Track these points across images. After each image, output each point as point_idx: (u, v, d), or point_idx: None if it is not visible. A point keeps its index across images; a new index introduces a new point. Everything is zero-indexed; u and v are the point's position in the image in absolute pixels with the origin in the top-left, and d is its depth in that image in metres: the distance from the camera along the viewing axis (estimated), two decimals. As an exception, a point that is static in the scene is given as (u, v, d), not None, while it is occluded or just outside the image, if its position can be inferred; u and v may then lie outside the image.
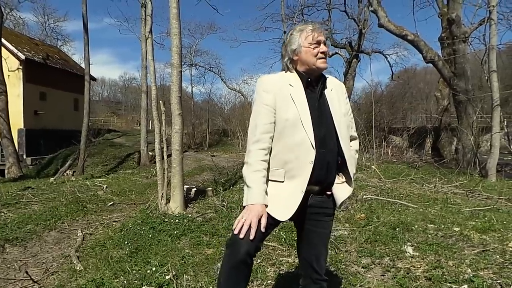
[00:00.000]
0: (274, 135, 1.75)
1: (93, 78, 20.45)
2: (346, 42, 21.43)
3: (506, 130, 11.27)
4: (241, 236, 1.62)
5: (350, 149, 1.87)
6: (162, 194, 5.34)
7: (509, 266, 3.07)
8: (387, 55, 22.45)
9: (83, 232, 4.64)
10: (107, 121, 40.88)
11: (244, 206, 1.72)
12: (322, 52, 1.78)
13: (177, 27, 5.14)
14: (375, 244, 3.76)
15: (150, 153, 14.27)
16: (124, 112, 55.95)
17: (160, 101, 5.46)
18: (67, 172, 13.08)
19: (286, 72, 1.86)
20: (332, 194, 1.83)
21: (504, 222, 4.40)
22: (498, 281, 2.79)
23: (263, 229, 1.66)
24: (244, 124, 21.77)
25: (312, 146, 1.70)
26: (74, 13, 79.34)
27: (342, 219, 4.76)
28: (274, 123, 1.75)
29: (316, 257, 1.86)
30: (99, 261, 3.59)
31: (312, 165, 1.71)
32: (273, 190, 1.75)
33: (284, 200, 1.73)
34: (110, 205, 6.41)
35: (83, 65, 16.68)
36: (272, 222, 1.73)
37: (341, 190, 1.85)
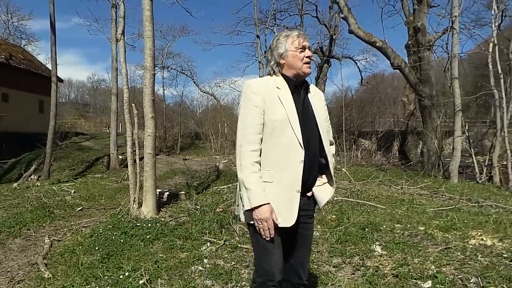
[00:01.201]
0: (262, 136, 1.78)
1: (60, 79, 19.77)
2: (318, 47, 21.87)
3: (467, 134, 11.84)
4: (269, 237, 1.72)
5: (330, 152, 1.94)
6: (134, 198, 5.26)
7: (469, 262, 3.26)
8: (356, 61, 23.13)
9: (51, 239, 4.50)
10: (74, 123, 39.50)
11: (248, 210, 1.73)
12: (307, 57, 1.86)
13: (150, 30, 5.10)
14: (345, 244, 3.88)
15: (120, 157, 13.95)
16: (92, 115, 54.31)
17: (133, 104, 5.39)
18: (32, 177, 12.54)
19: (272, 76, 1.91)
20: (312, 196, 1.88)
21: (465, 221, 4.64)
22: (459, 276, 2.96)
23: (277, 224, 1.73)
24: (217, 127, 21.72)
25: (301, 146, 1.75)
26: (40, 11, 76.31)
27: (314, 221, 4.86)
28: (263, 124, 1.77)
29: (302, 262, 1.90)
30: (68, 268, 3.50)
31: (302, 164, 1.75)
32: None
33: (282, 204, 1.75)
34: (79, 210, 6.24)
35: (49, 66, 16.10)
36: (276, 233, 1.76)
37: (323, 191, 1.91)
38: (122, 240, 4.19)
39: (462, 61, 15.43)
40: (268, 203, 1.70)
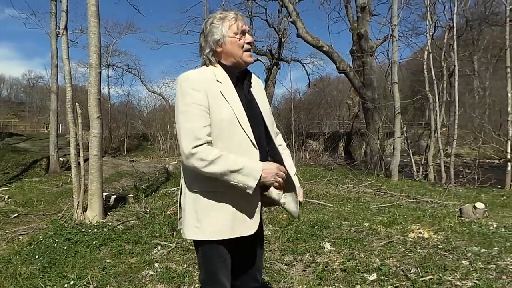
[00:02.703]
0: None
1: (-10, 76, 18.16)
2: (267, 50, 22.19)
3: (405, 135, 12.70)
4: (278, 182, 1.53)
5: (280, 146, 1.78)
6: (78, 202, 4.98)
7: (409, 254, 3.50)
8: (304, 64, 23.75)
9: (-18, 249, 4.12)
10: (7, 123, 36.42)
11: (253, 187, 1.48)
12: (248, 43, 1.63)
13: (96, 26, 4.87)
14: (296, 242, 3.98)
15: (61, 159, 13.13)
16: (28, 114, 50.55)
17: (77, 103, 5.10)
18: (-42, 182, 11.38)
19: (208, 66, 1.64)
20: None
21: (405, 216, 4.98)
22: (401, 268, 3.16)
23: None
24: (165, 128, 21.23)
25: (254, 146, 1.57)
26: (-34, 0, 69.42)
27: (265, 220, 4.94)
28: (210, 125, 1.53)
29: (259, 266, 1.81)
30: (4, 279, 3.23)
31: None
32: (221, 203, 1.54)
33: (244, 211, 1.56)
34: (15, 217, 5.80)
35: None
36: (232, 248, 1.61)
37: (290, 199, 1.70)
38: (65, 247, 3.95)
39: (401, 67, 16.53)
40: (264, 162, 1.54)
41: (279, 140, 1.82)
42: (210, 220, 1.54)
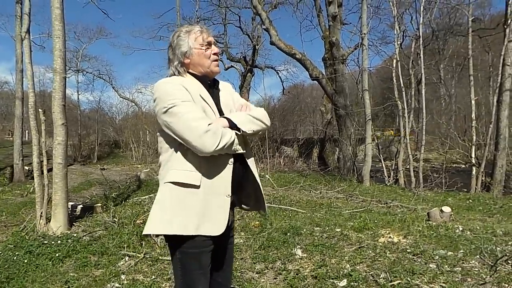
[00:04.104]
0: None
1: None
2: (241, 57, 22.24)
3: (376, 141, 12.97)
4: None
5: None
6: (41, 213, 4.76)
7: (379, 259, 3.54)
8: (278, 71, 23.97)
9: None
10: (-31, 131, 34.72)
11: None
12: (215, 54, 1.71)
13: (60, 29, 4.70)
14: (268, 250, 3.95)
15: (26, 168, 12.57)
16: (-8, 121, 48.22)
17: (40, 110, 4.89)
18: None
19: (178, 76, 1.70)
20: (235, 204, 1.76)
21: (375, 221, 5.04)
22: (371, 273, 3.18)
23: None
24: (138, 135, 20.80)
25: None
26: None
27: (238, 227, 4.88)
28: None
29: (228, 276, 1.80)
30: (-44, 297, 3.02)
31: (232, 166, 1.60)
32: (191, 199, 1.54)
33: (212, 209, 1.56)
34: (-27, 229, 5.46)
35: None
36: (206, 246, 1.59)
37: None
38: (26, 261, 3.75)
39: (372, 74, 16.97)
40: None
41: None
42: (177, 215, 1.53)
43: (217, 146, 1.49)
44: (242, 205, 1.81)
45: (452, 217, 5.22)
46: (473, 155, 10.22)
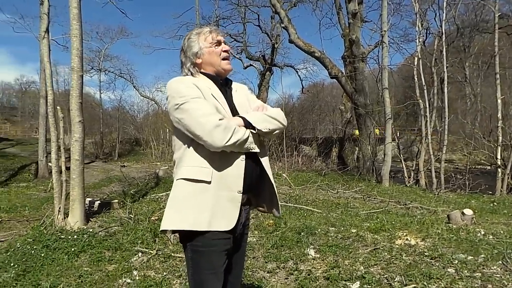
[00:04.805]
0: None
1: (-20, 79, 17.91)
2: (260, 55, 22.19)
3: (397, 141, 12.68)
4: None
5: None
6: (59, 208, 4.86)
7: (395, 262, 3.43)
8: (297, 70, 23.78)
9: (-43, 256, 3.98)
10: (-2, 128, 36.10)
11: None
12: (225, 51, 1.72)
13: (78, 29, 4.78)
14: (281, 249, 3.90)
15: (50, 164, 12.94)
16: (20, 119, 49.96)
17: (58, 107, 4.99)
18: None
19: (190, 76, 1.72)
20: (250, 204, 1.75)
21: (393, 222, 4.91)
22: (385, 276, 3.09)
23: None
24: (158, 133, 21.08)
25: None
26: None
27: (252, 226, 4.85)
28: None
29: (239, 274, 1.80)
30: (-25, 288, 3.11)
31: (244, 162, 1.58)
32: (202, 195, 1.53)
33: (224, 205, 1.55)
34: (-4, 223, 5.65)
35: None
36: (218, 245, 1.57)
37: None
38: (43, 254, 3.83)
39: (393, 73, 16.60)
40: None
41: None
42: (189, 210, 1.53)
43: (227, 142, 1.48)
44: (259, 207, 1.81)
45: (474, 220, 5.02)
46: (498, 156, 9.86)
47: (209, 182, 1.53)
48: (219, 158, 1.55)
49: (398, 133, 13.32)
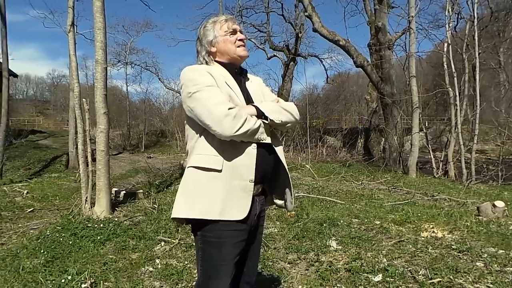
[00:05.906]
0: None
1: (13, 74, 18.67)
2: (284, 45, 21.94)
3: (425, 131, 12.28)
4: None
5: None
6: (86, 198, 5.02)
7: (420, 254, 3.33)
8: (322, 59, 23.37)
9: (-7, 243, 4.19)
10: (32, 121, 37.62)
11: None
12: (240, 40, 1.69)
13: (101, 22, 4.86)
14: (302, 240, 3.86)
15: (80, 155, 13.38)
16: (53, 112, 51.90)
17: (84, 99, 5.12)
18: (-18, 177, 11.75)
19: (204, 64, 1.71)
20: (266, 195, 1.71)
21: (419, 214, 4.77)
22: (409, 269, 3.00)
23: None
24: (183, 125, 21.34)
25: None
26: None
27: (273, 217, 4.83)
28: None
29: (255, 267, 1.78)
30: (8, 273, 3.26)
31: (256, 151, 1.54)
32: (213, 184, 1.50)
33: (235, 195, 1.51)
34: (30, 211, 5.89)
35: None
36: (230, 237, 1.53)
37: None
38: (70, 242, 3.97)
39: (422, 60, 16.03)
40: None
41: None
42: (199, 199, 1.50)
43: (237, 131, 1.44)
44: (274, 200, 1.76)
45: (506, 212, 4.80)
46: (534, 146, 9.36)
47: (220, 171, 1.50)
48: (230, 147, 1.52)
49: (426, 123, 12.87)
